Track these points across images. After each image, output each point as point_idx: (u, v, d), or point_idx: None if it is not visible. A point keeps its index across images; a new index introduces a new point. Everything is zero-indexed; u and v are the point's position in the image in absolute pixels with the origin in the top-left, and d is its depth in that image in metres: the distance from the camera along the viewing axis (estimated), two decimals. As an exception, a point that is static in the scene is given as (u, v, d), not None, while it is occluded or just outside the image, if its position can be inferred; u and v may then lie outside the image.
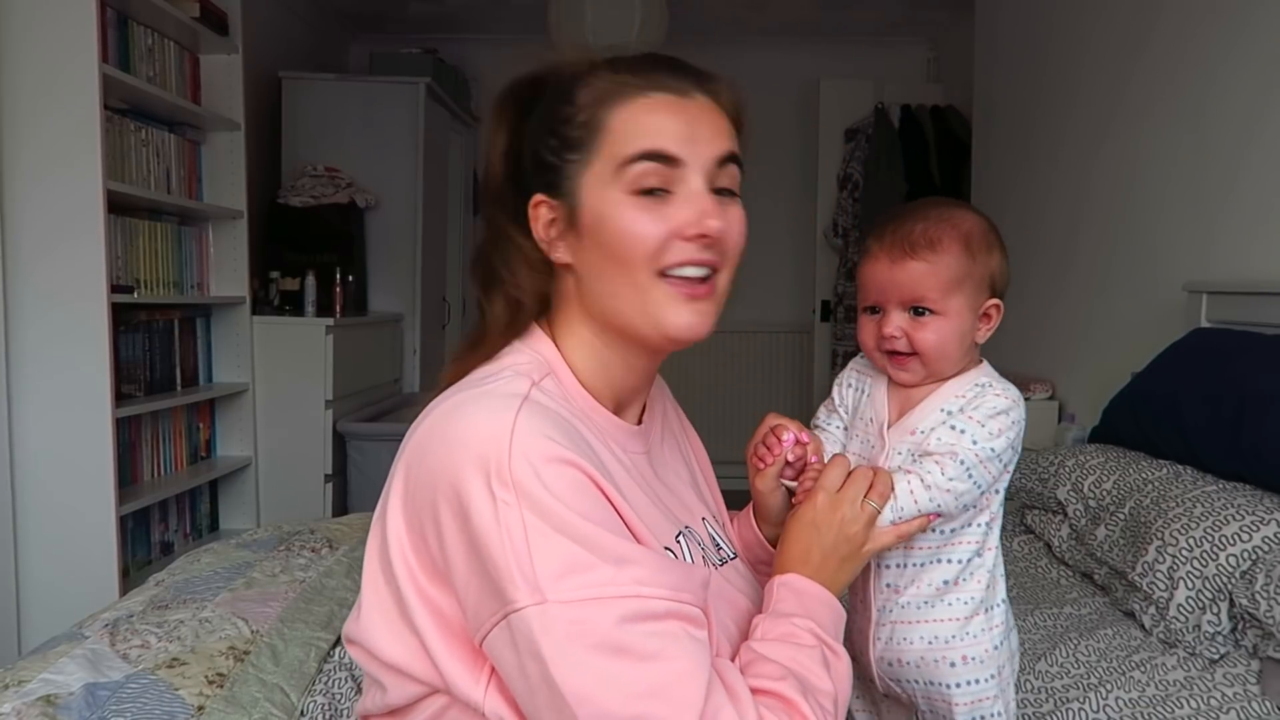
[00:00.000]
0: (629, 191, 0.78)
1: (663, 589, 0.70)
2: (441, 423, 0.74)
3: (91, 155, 2.42)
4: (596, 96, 0.81)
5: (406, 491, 0.75)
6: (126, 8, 2.71)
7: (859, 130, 4.41)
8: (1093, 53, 2.83)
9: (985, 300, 0.98)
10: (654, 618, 0.68)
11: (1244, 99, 2.19)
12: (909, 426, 0.97)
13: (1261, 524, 1.46)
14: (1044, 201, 3.12)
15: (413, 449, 0.76)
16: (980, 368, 1.00)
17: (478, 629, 0.70)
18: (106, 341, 2.48)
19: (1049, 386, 3.00)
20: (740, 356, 5.05)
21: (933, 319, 0.95)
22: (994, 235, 0.98)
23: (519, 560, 0.67)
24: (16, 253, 2.43)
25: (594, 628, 0.66)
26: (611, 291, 0.81)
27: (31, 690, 1.22)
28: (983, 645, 0.97)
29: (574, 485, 0.70)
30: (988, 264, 0.97)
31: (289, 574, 1.71)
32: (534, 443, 0.70)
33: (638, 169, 0.78)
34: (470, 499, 0.69)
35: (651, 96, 0.80)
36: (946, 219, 0.96)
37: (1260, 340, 1.84)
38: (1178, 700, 1.29)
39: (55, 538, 2.49)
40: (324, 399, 3.34)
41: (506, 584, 0.67)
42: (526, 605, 0.67)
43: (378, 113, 3.88)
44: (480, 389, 0.77)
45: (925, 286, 0.94)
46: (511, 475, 0.68)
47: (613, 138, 0.79)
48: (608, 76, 0.81)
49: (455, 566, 0.71)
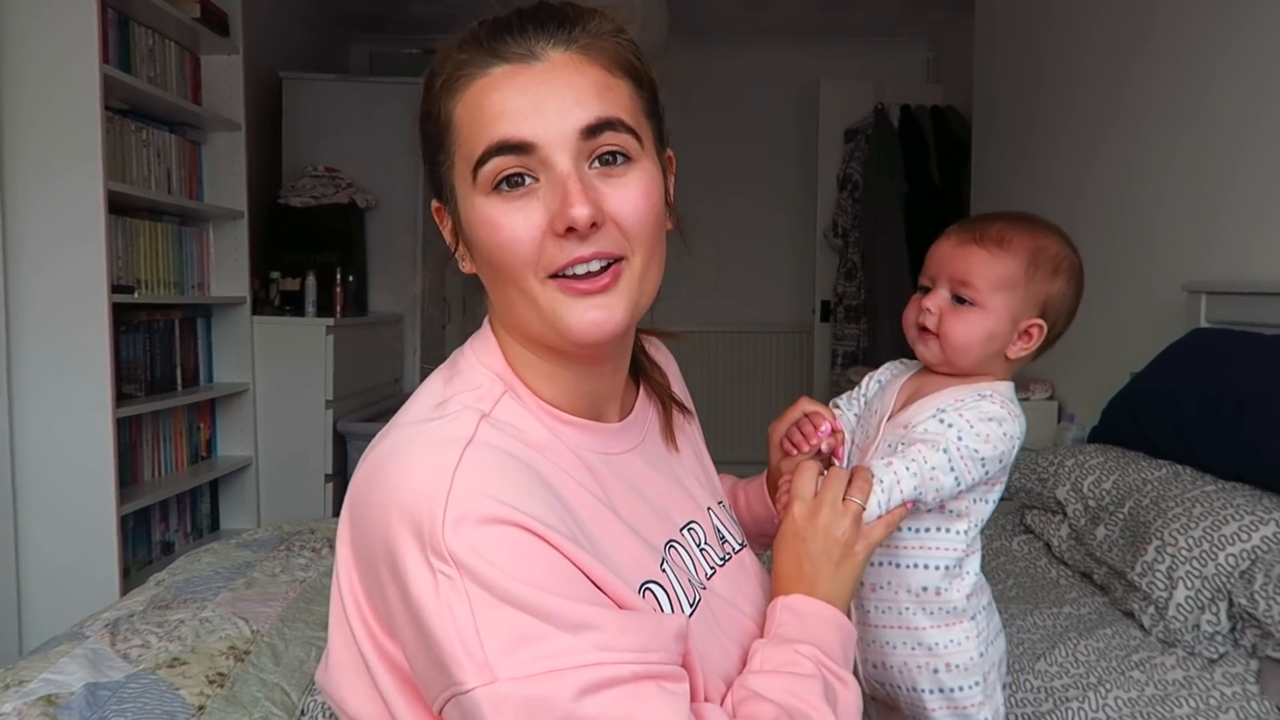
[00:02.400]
0: (487, 192, 0.68)
1: (627, 652, 0.62)
2: (378, 469, 0.67)
3: (92, 155, 2.43)
4: (442, 86, 0.71)
5: (354, 541, 0.69)
6: (127, 8, 2.71)
7: (859, 131, 4.41)
8: (1092, 53, 2.83)
9: (1031, 318, 0.97)
10: (618, 683, 0.62)
11: (1243, 99, 2.19)
12: (904, 420, 0.97)
13: (1260, 524, 1.46)
14: (1043, 201, 3.12)
15: (353, 494, 0.69)
16: (997, 382, 0.98)
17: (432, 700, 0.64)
18: (107, 341, 2.49)
19: (1049, 386, 3.00)
20: (740, 356, 5.05)
21: (970, 310, 0.96)
22: (1067, 265, 0.97)
23: (463, 638, 0.60)
24: (17, 254, 2.43)
25: (551, 704, 0.60)
26: (509, 303, 0.72)
27: (32, 690, 1.22)
28: (967, 653, 0.96)
29: (521, 549, 0.62)
30: (1047, 285, 0.96)
31: (289, 574, 1.71)
32: (473, 505, 0.62)
33: (490, 166, 0.67)
34: (407, 570, 0.62)
35: (490, 73, 0.68)
36: (1027, 228, 0.97)
37: (1259, 340, 1.84)
38: (1177, 700, 1.29)
39: (56, 538, 2.50)
40: (324, 399, 3.34)
41: (451, 664, 0.61)
42: (475, 687, 0.60)
43: (378, 113, 3.88)
44: (420, 427, 0.69)
45: (975, 275, 0.95)
46: (448, 546, 0.61)
47: (461, 134, 0.69)
48: (454, 57, 0.70)
49: (402, 632, 0.65)
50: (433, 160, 0.74)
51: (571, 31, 0.69)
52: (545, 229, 0.68)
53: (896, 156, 4.25)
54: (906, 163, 4.24)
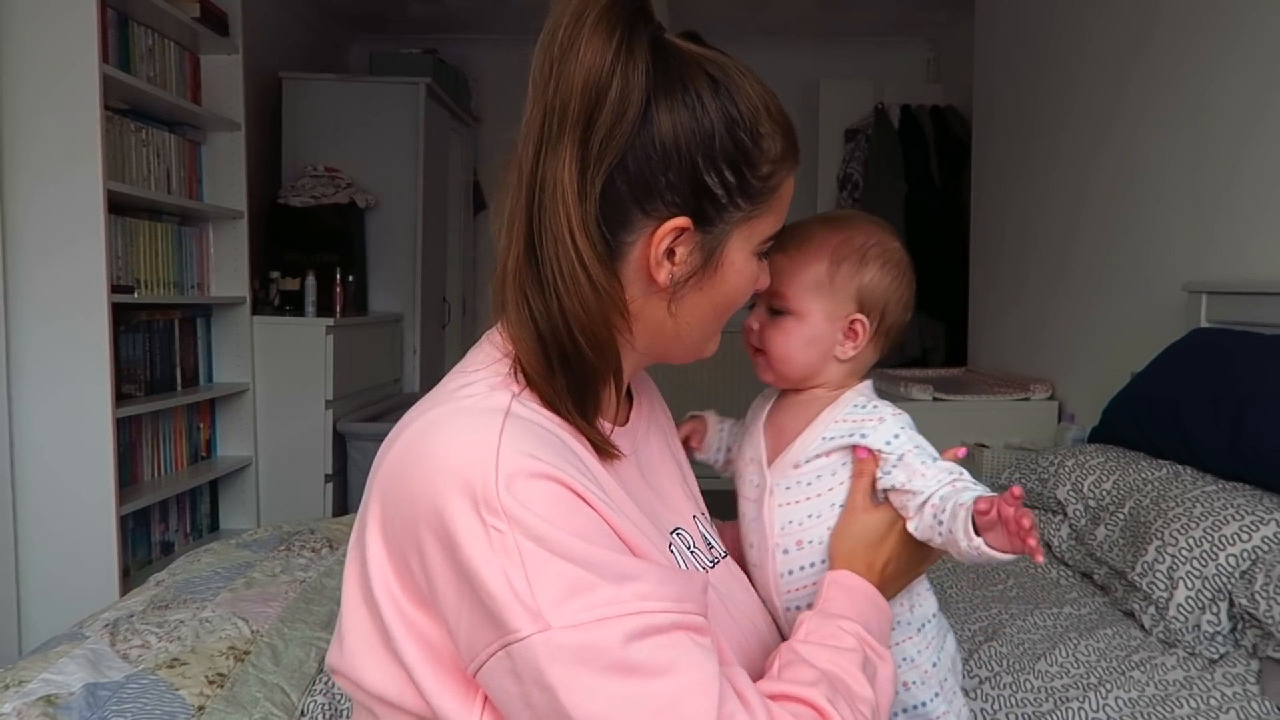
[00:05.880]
0: (756, 253, 0.79)
1: (666, 601, 0.67)
2: (417, 444, 0.69)
3: (92, 155, 2.43)
4: (779, 157, 0.77)
5: (385, 518, 0.71)
6: (127, 8, 2.71)
7: (859, 130, 4.41)
8: (1092, 53, 2.83)
9: (849, 314, 0.92)
10: (660, 631, 0.66)
11: (1243, 99, 2.19)
12: (791, 460, 0.93)
13: (1261, 524, 1.46)
14: (1043, 201, 3.12)
15: (387, 472, 0.71)
16: (858, 387, 0.95)
17: (471, 659, 0.67)
18: (107, 341, 2.49)
19: (1049, 386, 3.00)
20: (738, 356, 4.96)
21: (785, 319, 0.93)
22: (876, 252, 0.93)
23: (517, 588, 0.64)
24: (17, 254, 2.44)
25: (602, 650, 0.64)
26: (700, 332, 0.82)
27: (32, 690, 1.22)
28: (920, 668, 0.94)
29: (566, 505, 0.67)
30: (856, 277, 0.92)
31: (289, 574, 1.71)
32: (521, 463, 0.66)
33: (770, 247, 0.81)
34: (459, 528, 0.65)
35: (791, 176, 0.79)
36: (830, 225, 0.94)
37: (1259, 340, 1.84)
38: (1177, 700, 1.29)
39: (56, 537, 2.50)
40: (324, 399, 3.34)
41: (505, 613, 0.64)
42: (530, 634, 0.63)
43: (378, 113, 3.88)
44: (456, 404, 0.71)
45: (783, 283, 0.91)
46: (501, 501, 0.64)
47: (778, 205, 0.79)
48: (779, 135, 0.77)
49: (444, 596, 0.67)
50: (730, 196, 0.75)
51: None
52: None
53: (896, 156, 4.25)
54: (906, 163, 4.24)
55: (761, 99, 0.75)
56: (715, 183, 0.73)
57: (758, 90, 0.76)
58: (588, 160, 0.70)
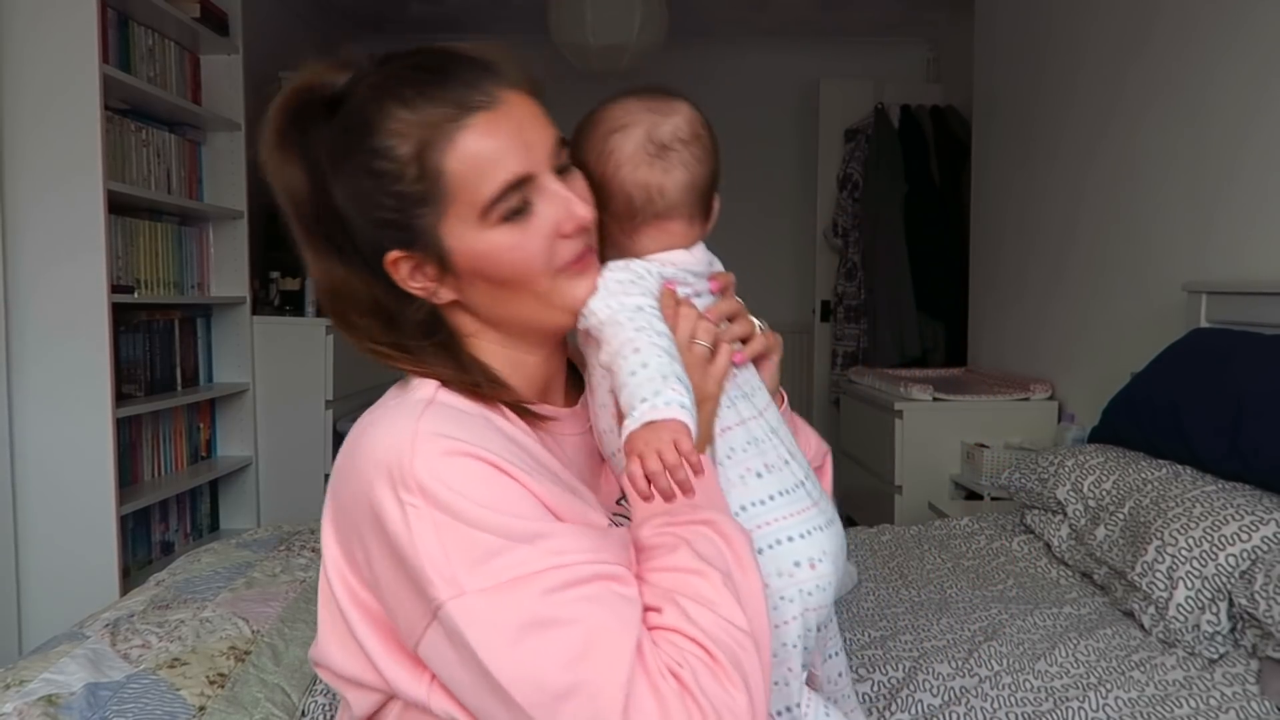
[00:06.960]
0: (497, 224, 0.77)
1: (582, 553, 0.70)
2: (354, 444, 0.77)
3: (92, 155, 2.43)
4: (416, 146, 0.75)
5: (335, 514, 0.78)
6: (127, 8, 2.71)
7: (859, 130, 4.41)
8: (1091, 53, 2.83)
9: None
10: (581, 582, 0.69)
11: (1242, 98, 2.19)
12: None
13: (1260, 524, 1.46)
14: (1043, 201, 3.12)
15: (335, 473, 0.78)
16: None
17: (410, 637, 0.72)
18: (107, 341, 2.49)
19: (1049, 386, 3.00)
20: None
21: None
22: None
23: (432, 559, 0.68)
24: (17, 254, 2.44)
25: (517, 608, 0.67)
26: (515, 308, 0.81)
27: (33, 690, 1.22)
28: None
29: (478, 477, 0.71)
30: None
31: (289, 574, 1.71)
32: (435, 444, 0.71)
33: (503, 204, 0.76)
34: (383, 510, 0.71)
35: (468, 123, 0.75)
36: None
37: (1259, 340, 1.84)
38: (1177, 700, 1.29)
39: (56, 538, 2.50)
40: (324, 399, 3.34)
41: (426, 585, 0.69)
42: (446, 600, 0.68)
43: (378, 113, 3.88)
44: (387, 406, 0.79)
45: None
46: (416, 479, 0.70)
47: (457, 184, 0.75)
48: (406, 117, 0.75)
49: (384, 581, 0.73)
50: (404, 214, 0.77)
51: (503, 72, 0.78)
52: (551, 239, 0.78)
53: (896, 156, 4.25)
54: (906, 163, 4.24)
55: (353, 81, 0.81)
56: (388, 209, 0.77)
57: (329, 75, 0.84)
58: (329, 244, 0.83)
